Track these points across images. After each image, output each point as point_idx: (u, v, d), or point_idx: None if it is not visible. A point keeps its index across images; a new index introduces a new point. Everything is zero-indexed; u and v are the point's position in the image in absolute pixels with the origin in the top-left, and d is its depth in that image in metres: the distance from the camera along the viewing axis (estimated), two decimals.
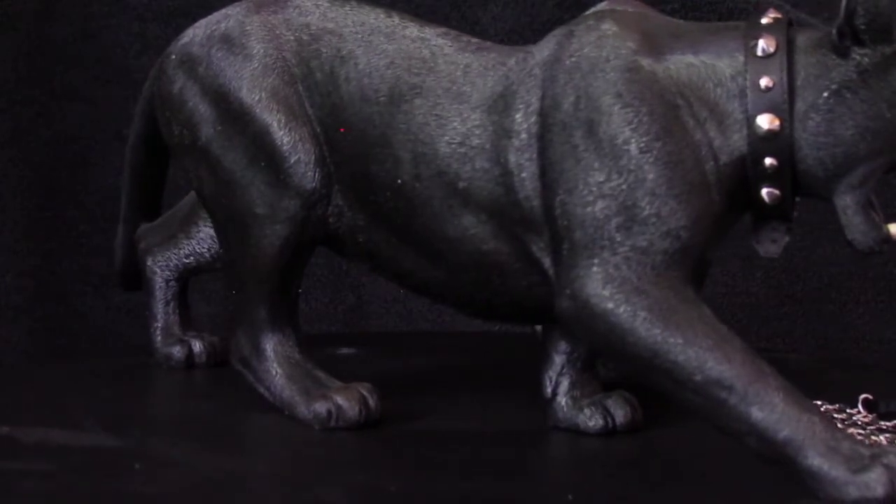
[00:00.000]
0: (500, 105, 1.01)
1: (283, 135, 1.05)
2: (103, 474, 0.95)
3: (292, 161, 1.05)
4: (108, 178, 1.29)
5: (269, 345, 1.08)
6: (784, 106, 0.94)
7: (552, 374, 1.07)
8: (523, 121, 1.00)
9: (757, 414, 0.89)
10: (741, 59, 0.96)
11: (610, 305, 0.93)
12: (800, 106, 0.95)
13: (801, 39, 0.96)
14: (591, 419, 1.05)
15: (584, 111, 0.96)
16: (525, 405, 1.13)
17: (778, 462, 0.89)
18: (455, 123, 1.01)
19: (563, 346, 1.07)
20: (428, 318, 1.65)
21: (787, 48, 0.95)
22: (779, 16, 0.97)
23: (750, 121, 0.95)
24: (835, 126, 0.95)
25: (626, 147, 0.95)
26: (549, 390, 1.07)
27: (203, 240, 1.24)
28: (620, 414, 1.06)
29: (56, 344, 1.64)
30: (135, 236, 1.27)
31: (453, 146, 1.01)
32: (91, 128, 1.24)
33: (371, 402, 1.05)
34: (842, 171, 0.95)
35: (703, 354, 0.91)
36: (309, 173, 1.05)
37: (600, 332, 0.94)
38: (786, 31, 0.96)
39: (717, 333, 0.92)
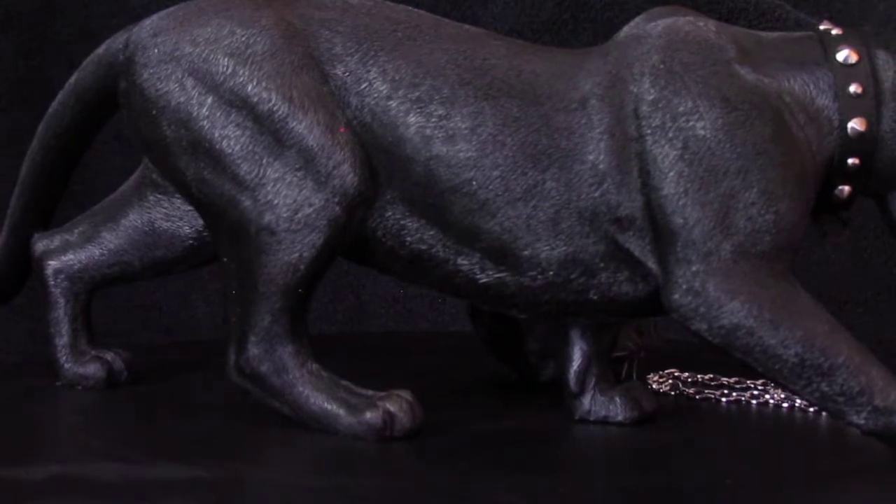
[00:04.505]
0: (588, 107, 1.02)
1: (323, 135, 1.01)
2: None
3: (336, 163, 1.01)
4: (107, 178, 1.28)
5: (290, 358, 1.03)
6: (873, 110, 1.01)
7: (577, 369, 1.09)
8: (616, 123, 1.01)
9: (870, 391, 0.98)
10: (827, 67, 1.02)
11: (734, 300, 0.98)
12: (885, 111, 1.02)
13: (875, 50, 1.03)
14: (625, 410, 1.09)
15: (691, 114, 1.00)
16: (535, 402, 1.15)
17: (883, 435, 0.99)
18: (537, 125, 1.01)
19: (587, 342, 1.09)
20: (428, 318, 1.65)
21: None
22: (839, 29, 1.05)
23: (843, 124, 1.02)
24: None
25: (740, 149, 0.99)
26: (574, 385, 1.09)
27: (137, 247, 1.15)
28: (647, 404, 1.10)
29: None
30: (33, 244, 1.18)
31: (539, 148, 1.01)
32: None
33: (417, 409, 1.03)
34: None
35: (822, 341, 0.98)
36: (352, 176, 1.01)
37: (723, 326, 0.98)
38: (863, 42, 1.03)
39: (829, 320, 0.99)
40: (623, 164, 1.01)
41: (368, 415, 1.02)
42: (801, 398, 1.02)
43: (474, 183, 1.02)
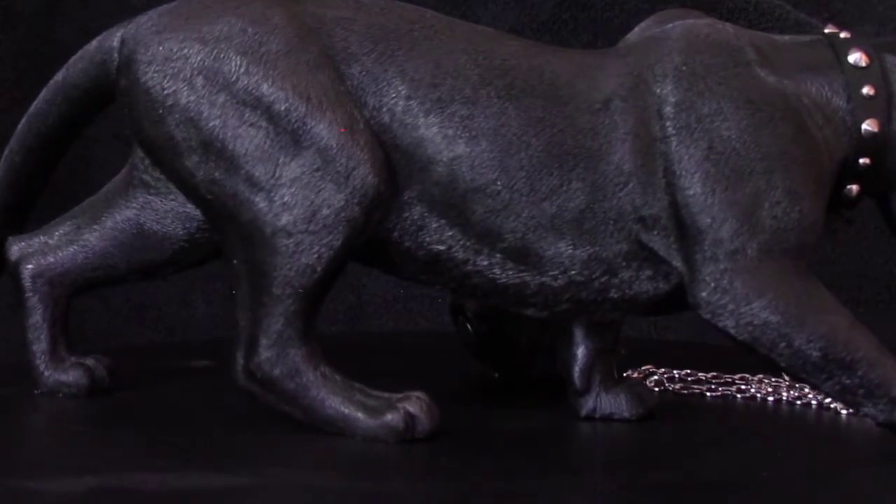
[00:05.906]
0: (612, 108, 1.03)
1: (341, 135, 1.00)
2: None
3: (355, 163, 1.00)
4: (108, 178, 1.28)
5: (303, 361, 1.01)
6: (885, 111, 1.04)
7: (582, 367, 1.10)
8: (640, 124, 1.02)
9: (887, 384, 1.01)
10: (839, 69, 1.05)
11: (762, 297, 1.00)
12: (895, 112, 1.05)
13: (883, 54, 1.06)
14: (631, 406, 1.10)
15: (715, 116, 1.02)
16: (536, 400, 1.16)
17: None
18: (562, 126, 1.02)
19: (591, 340, 1.10)
20: (428, 318, 1.65)
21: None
22: (847, 32, 1.08)
23: (856, 125, 1.04)
24: None
25: (765, 150, 1.01)
26: (580, 383, 1.10)
27: (123, 250, 1.12)
28: (650, 400, 1.11)
29: None
30: (7, 247, 1.14)
31: (565, 148, 1.02)
32: (91, 127, 1.23)
33: (435, 410, 1.02)
34: None
35: (844, 336, 1.00)
36: (372, 176, 1.00)
37: (750, 322, 1.00)
38: (870, 45, 1.06)
39: (848, 315, 1.02)
40: (648, 165, 1.02)
41: (389, 417, 1.01)
42: (821, 391, 1.03)
43: (499, 183, 1.02)
